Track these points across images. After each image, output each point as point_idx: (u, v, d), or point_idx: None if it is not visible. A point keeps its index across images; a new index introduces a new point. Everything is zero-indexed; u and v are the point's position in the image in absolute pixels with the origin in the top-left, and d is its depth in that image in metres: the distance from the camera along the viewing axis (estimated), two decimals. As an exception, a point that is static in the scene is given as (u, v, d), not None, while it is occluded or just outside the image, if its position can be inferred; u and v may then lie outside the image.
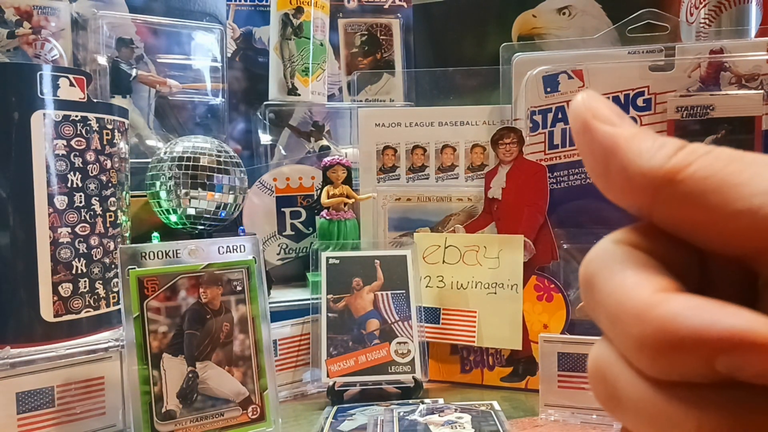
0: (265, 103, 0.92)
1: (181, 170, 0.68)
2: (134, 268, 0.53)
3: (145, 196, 0.73)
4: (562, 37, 0.99)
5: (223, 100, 0.92)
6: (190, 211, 0.69)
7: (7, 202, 0.56)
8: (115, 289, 0.63)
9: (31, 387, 0.51)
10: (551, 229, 0.70)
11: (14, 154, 0.56)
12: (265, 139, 0.93)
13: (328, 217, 0.76)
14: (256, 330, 0.57)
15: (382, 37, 1.03)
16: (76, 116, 0.59)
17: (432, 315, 0.71)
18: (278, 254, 0.85)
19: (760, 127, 0.66)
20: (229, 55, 0.96)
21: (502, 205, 0.72)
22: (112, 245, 0.63)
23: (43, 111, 0.57)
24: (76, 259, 0.59)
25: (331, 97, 0.99)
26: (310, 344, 0.68)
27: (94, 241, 0.61)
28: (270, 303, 0.61)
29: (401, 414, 0.57)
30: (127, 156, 0.67)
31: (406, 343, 0.65)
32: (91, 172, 0.61)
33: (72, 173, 0.59)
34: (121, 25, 0.86)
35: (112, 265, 0.63)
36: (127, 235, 0.67)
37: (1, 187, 0.56)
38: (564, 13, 1.00)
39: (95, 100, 0.63)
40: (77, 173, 0.59)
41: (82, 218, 0.60)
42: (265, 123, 0.93)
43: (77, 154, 0.59)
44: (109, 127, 0.62)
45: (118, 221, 0.64)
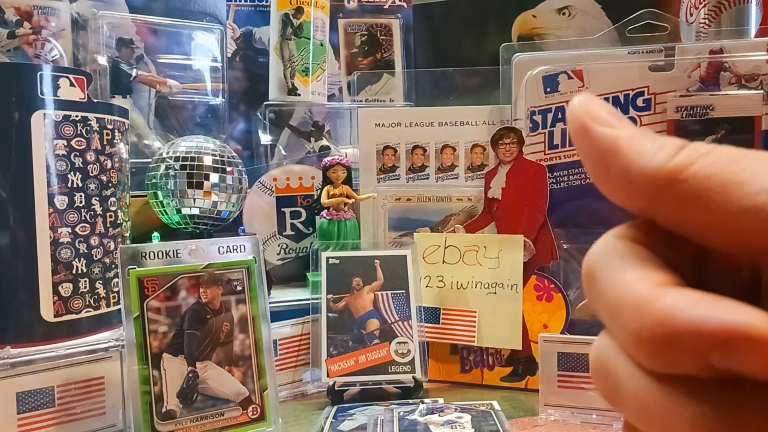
0: (265, 103, 0.92)
1: (181, 170, 0.68)
2: (134, 268, 0.53)
3: (145, 196, 0.73)
4: (562, 37, 0.99)
5: (223, 100, 0.92)
6: (191, 211, 0.69)
7: (7, 202, 0.56)
8: (116, 289, 0.63)
9: (31, 387, 0.51)
10: (551, 229, 0.70)
11: (14, 154, 0.56)
12: (265, 139, 0.93)
13: (328, 217, 0.76)
14: (256, 330, 0.57)
15: (382, 37, 1.03)
16: (77, 116, 0.59)
17: (432, 315, 0.71)
18: (278, 254, 0.85)
19: (760, 127, 0.66)
20: (229, 55, 0.96)
21: (502, 205, 0.72)
22: (113, 245, 0.63)
23: (44, 111, 0.57)
24: (77, 259, 0.59)
25: (331, 97, 0.99)
26: (310, 344, 0.68)
27: (95, 241, 0.61)
28: (270, 303, 0.61)
29: (401, 414, 0.57)
30: (127, 156, 0.67)
31: (406, 343, 0.66)
32: (92, 172, 0.61)
33: (72, 173, 0.59)
34: (121, 25, 0.86)
35: (113, 265, 0.63)
36: (127, 235, 0.67)
37: (1, 187, 0.56)
38: (564, 14, 1.00)
39: (95, 100, 0.63)
40: (77, 173, 0.59)
41: (83, 218, 0.60)
42: (265, 123, 0.93)
43: (77, 154, 0.59)
44: (109, 127, 0.62)
45: (119, 221, 0.64)
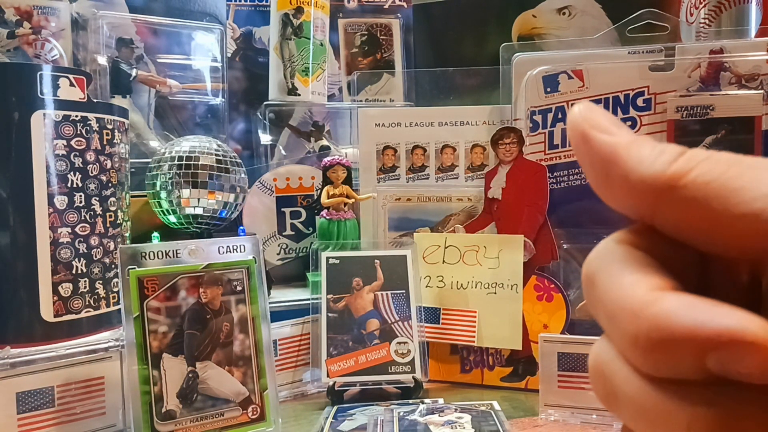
0: (265, 103, 0.92)
1: (181, 170, 0.68)
2: (134, 268, 0.53)
3: (145, 196, 0.73)
4: (562, 37, 0.99)
5: (223, 100, 0.92)
6: (190, 211, 0.69)
7: (7, 202, 0.56)
8: (115, 289, 0.63)
9: (31, 387, 0.51)
10: (551, 229, 0.70)
11: (14, 154, 0.56)
12: (265, 139, 0.93)
13: (328, 217, 0.76)
14: (256, 330, 0.57)
15: (382, 37, 1.03)
16: (76, 116, 0.59)
17: (432, 315, 0.71)
18: (278, 254, 0.85)
19: (760, 127, 0.66)
20: (229, 55, 0.96)
21: (502, 205, 0.72)
22: (112, 245, 0.63)
23: (43, 111, 0.57)
24: (76, 259, 0.59)
25: (331, 97, 0.99)
26: (310, 344, 0.68)
27: (94, 241, 0.61)
28: (270, 303, 0.61)
29: (401, 414, 0.57)
30: (127, 156, 0.67)
31: (406, 343, 0.66)
32: (91, 172, 0.61)
33: (72, 173, 0.59)
34: (121, 25, 0.86)
35: (112, 265, 0.63)
36: (127, 235, 0.67)
37: (1, 187, 0.56)
38: (564, 13, 1.00)
39: (95, 100, 0.63)
40: (77, 173, 0.59)
41: (82, 218, 0.60)
42: (265, 123, 0.93)
43: (77, 154, 0.59)
44: (109, 127, 0.62)
45: (118, 221, 0.64)
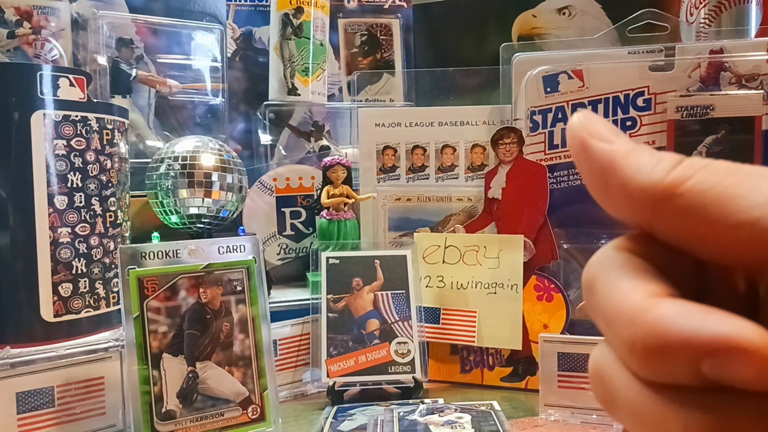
0: (265, 103, 0.92)
1: (181, 170, 0.68)
2: (134, 268, 0.53)
3: (145, 196, 0.73)
4: (562, 37, 0.99)
5: (223, 100, 0.92)
6: (190, 211, 0.69)
7: (7, 202, 0.56)
8: (115, 289, 0.63)
9: (31, 387, 0.51)
10: (551, 229, 0.70)
11: (14, 154, 0.56)
12: (265, 139, 0.93)
13: (328, 217, 0.76)
14: (256, 330, 0.57)
15: (382, 37, 1.03)
16: (76, 116, 0.59)
17: (432, 315, 0.71)
18: (278, 254, 0.85)
19: (760, 127, 0.66)
20: (229, 55, 0.96)
21: (502, 205, 0.72)
22: (112, 245, 0.63)
23: (43, 111, 0.57)
24: (76, 259, 0.59)
25: (331, 97, 0.99)
26: (310, 344, 0.68)
27: (94, 241, 0.61)
28: (270, 303, 0.61)
29: (401, 414, 0.57)
30: (127, 156, 0.67)
31: (406, 343, 0.65)
32: (91, 172, 0.61)
33: (72, 173, 0.59)
34: (121, 25, 0.86)
35: (112, 265, 0.63)
36: (127, 235, 0.67)
37: (1, 187, 0.56)
38: (564, 13, 1.00)
39: (95, 100, 0.63)
40: (77, 173, 0.59)
41: (82, 218, 0.60)
42: (265, 123, 0.93)
43: (77, 154, 0.59)
44: (109, 127, 0.62)
45: (118, 221, 0.64)
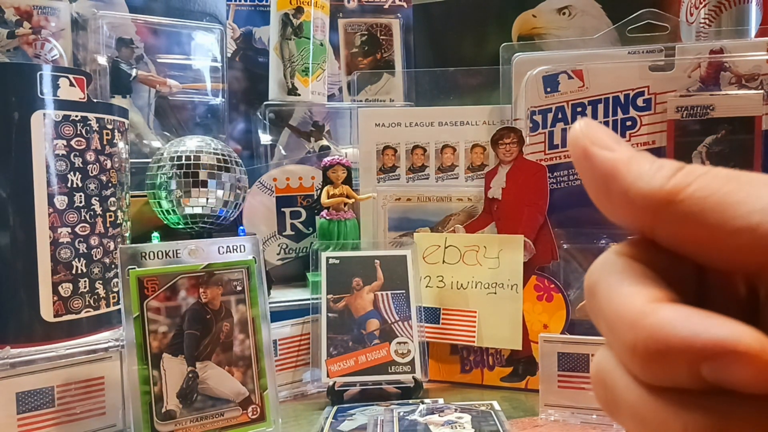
0: (265, 103, 0.92)
1: (181, 170, 0.68)
2: (134, 268, 0.53)
3: (145, 196, 0.73)
4: (562, 37, 0.99)
5: (223, 100, 0.92)
6: (190, 210, 0.69)
7: (7, 202, 0.56)
8: (115, 289, 0.63)
9: (31, 387, 0.51)
10: (551, 229, 0.70)
11: (14, 154, 0.56)
12: (265, 139, 0.93)
13: (328, 217, 0.76)
14: (256, 330, 0.57)
15: (382, 37, 1.03)
16: (76, 116, 0.59)
17: (432, 315, 0.71)
18: (278, 254, 0.85)
19: (760, 127, 0.66)
20: (229, 55, 0.96)
21: (502, 205, 0.72)
22: (112, 245, 0.63)
23: (43, 111, 0.57)
24: (76, 259, 0.59)
25: (331, 97, 0.99)
26: (310, 344, 0.68)
27: (94, 241, 0.61)
28: (270, 303, 0.61)
29: (401, 414, 0.57)
30: (127, 156, 0.67)
31: (406, 343, 0.65)
32: (91, 172, 0.61)
33: (72, 173, 0.59)
34: (121, 25, 0.86)
35: (112, 265, 0.63)
36: (127, 235, 0.67)
37: (1, 187, 0.56)
38: (564, 13, 1.00)
39: (95, 100, 0.63)
40: (77, 173, 0.59)
41: (82, 218, 0.60)
42: (265, 123, 0.93)
43: (77, 154, 0.59)
44: (109, 127, 0.62)
45: (118, 221, 0.64)
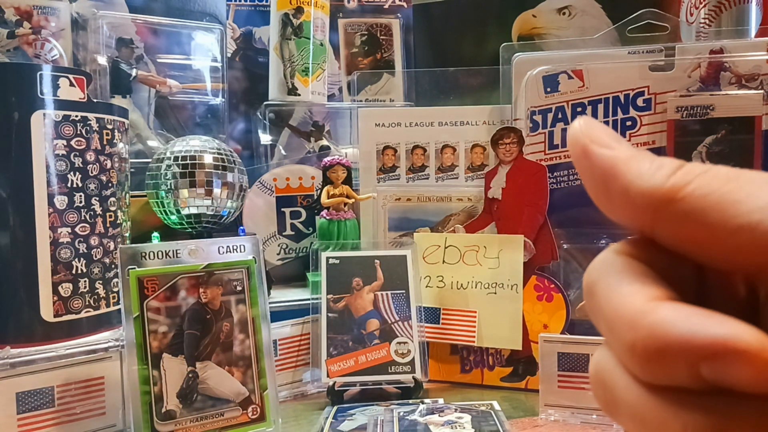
0: (265, 103, 0.92)
1: (181, 170, 0.68)
2: (134, 268, 0.53)
3: (145, 196, 0.73)
4: (562, 37, 0.99)
5: (223, 100, 0.92)
6: (190, 211, 0.69)
7: (7, 202, 0.56)
8: (115, 289, 0.63)
9: (31, 387, 0.51)
10: (551, 229, 0.70)
11: (14, 154, 0.56)
12: (265, 139, 0.93)
13: (328, 217, 0.76)
14: (256, 330, 0.57)
15: (382, 37, 1.03)
16: (76, 116, 0.59)
17: (432, 315, 0.71)
18: (278, 254, 0.85)
19: (760, 127, 0.66)
20: (229, 55, 0.96)
21: (502, 205, 0.72)
22: (112, 245, 0.63)
23: (43, 111, 0.57)
24: (76, 259, 0.59)
25: (331, 97, 0.99)
26: (310, 344, 0.68)
27: (94, 241, 0.61)
28: (270, 303, 0.61)
29: (401, 414, 0.57)
30: (127, 156, 0.67)
31: (406, 343, 0.65)
32: (91, 172, 0.61)
33: (72, 173, 0.59)
34: (121, 25, 0.86)
35: (112, 265, 0.63)
36: (127, 235, 0.67)
37: (1, 187, 0.56)
38: (564, 13, 1.00)
39: (95, 100, 0.63)
40: (77, 173, 0.59)
41: (82, 218, 0.60)
42: (265, 123, 0.93)
43: (77, 154, 0.59)
44: (109, 127, 0.62)
45: (118, 221, 0.64)
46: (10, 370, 0.51)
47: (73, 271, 0.59)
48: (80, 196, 0.60)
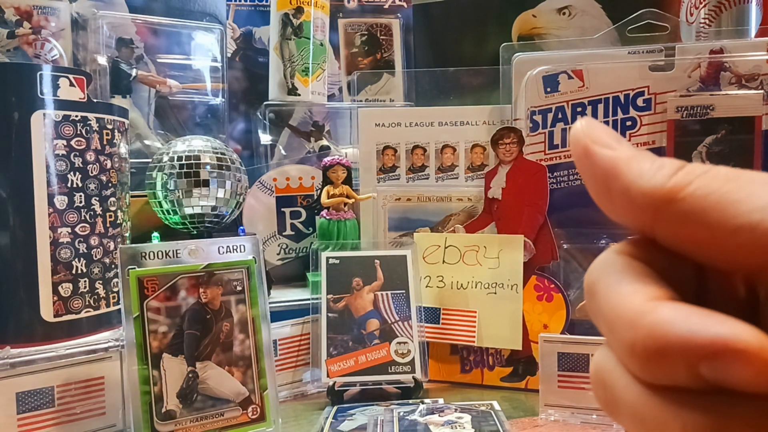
0: (265, 103, 0.92)
1: (181, 170, 0.68)
2: (134, 268, 0.53)
3: (145, 196, 0.73)
4: (562, 37, 0.99)
5: (223, 100, 0.92)
6: (190, 211, 0.69)
7: (7, 202, 0.56)
8: (115, 289, 0.63)
9: (31, 387, 0.51)
10: (551, 229, 0.70)
11: (14, 154, 0.56)
12: (265, 139, 0.93)
13: (328, 217, 0.76)
14: (257, 330, 0.57)
15: (382, 37, 1.03)
16: (76, 116, 0.59)
17: (432, 315, 0.71)
18: (278, 254, 0.85)
19: (760, 127, 0.66)
20: (229, 55, 0.96)
21: (502, 205, 0.72)
22: (112, 245, 0.63)
23: (43, 111, 0.57)
24: (76, 259, 0.59)
25: (331, 97, 0.99)
26: (310, 344, 0.68)
27: (94, 241, 0.61)
28: (270, 303, 0.61)
29: (401, 414, 0.57)
30: (127, 156, 0.67)
31: (406, 343, 0.65)
32: (91, 172, 0.61)
33: (72, 173, 0.59)
34: (121, 25, 0.86)
35: (112, 265, 0.63)
36: (127, 235, 0.67)
37: (1, 187, 0.56)
38: (564, 13, 1.00)
39: (95, 100, 0.63)
40: (77, 173, 0.59)
41: (82, 218, 0.60)
42: (265, 123, 0.93)
43: (77, 154, 0.59)
44: (109, 127, 0.62)
45: (118, 221, 0.64)
46: (10, 370, 0.51)
47: (73, 271, 0.59)
48: (80, 196, 0.60)
